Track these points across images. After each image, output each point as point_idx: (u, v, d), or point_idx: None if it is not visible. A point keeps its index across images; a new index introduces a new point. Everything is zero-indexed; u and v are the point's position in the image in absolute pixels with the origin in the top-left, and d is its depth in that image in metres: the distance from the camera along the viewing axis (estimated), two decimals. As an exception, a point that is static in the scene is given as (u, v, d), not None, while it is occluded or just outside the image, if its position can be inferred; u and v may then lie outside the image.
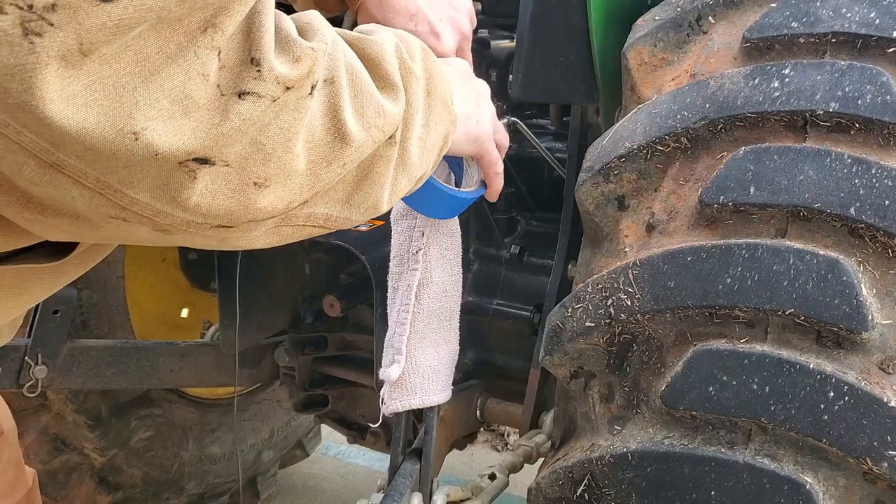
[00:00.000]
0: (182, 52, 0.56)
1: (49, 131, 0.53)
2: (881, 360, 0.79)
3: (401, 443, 1.21)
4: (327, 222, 0.78)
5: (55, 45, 0.50)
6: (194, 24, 0.57)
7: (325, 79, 0.70)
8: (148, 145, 0.56)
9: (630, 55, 1.08)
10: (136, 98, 0.55)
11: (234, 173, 0.63)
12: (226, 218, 0.65)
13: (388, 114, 0.78)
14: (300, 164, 0.68)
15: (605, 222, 1.00)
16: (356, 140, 0.73)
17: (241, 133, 0.62)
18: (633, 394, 0.90)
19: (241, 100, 0.61)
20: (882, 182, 0.81)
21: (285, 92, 0.64)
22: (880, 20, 0.89)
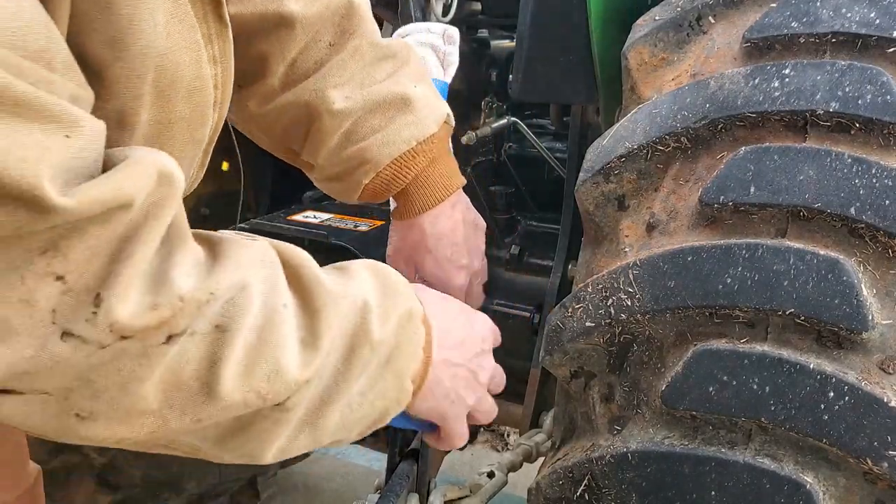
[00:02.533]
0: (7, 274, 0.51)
1: None
2: (881, 360, 0.78)
3: (398, 443, 1.21)
4: (194, 452, 0.69)
5: None
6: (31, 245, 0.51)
7: (216, 325, 0.62)
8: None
9: (630, 55, 1.08)
10: None
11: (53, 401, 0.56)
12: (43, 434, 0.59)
13: (283, 380, 0.67)
14: (150, 403, 0.60)
15: (605, 222, 1.00)
16: (225, 399, 0.64)
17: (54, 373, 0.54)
18: (633, 394, 0.90)
19: (62, 341, 0.54)
20: (882, 182, 0.81)
21: (119, 340, 0.56)
22: (880, 20, 0.88)
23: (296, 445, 0.74)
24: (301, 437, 0.73)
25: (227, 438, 0.69)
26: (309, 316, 0.70)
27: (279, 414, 0.70)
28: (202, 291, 0.61)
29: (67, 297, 0.53)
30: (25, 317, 0.52)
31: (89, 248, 0.53)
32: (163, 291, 0.58)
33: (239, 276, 0.64)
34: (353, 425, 0.79)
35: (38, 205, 0.49)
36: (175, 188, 0.59)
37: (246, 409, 0.66)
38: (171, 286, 0.58)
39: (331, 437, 0.76)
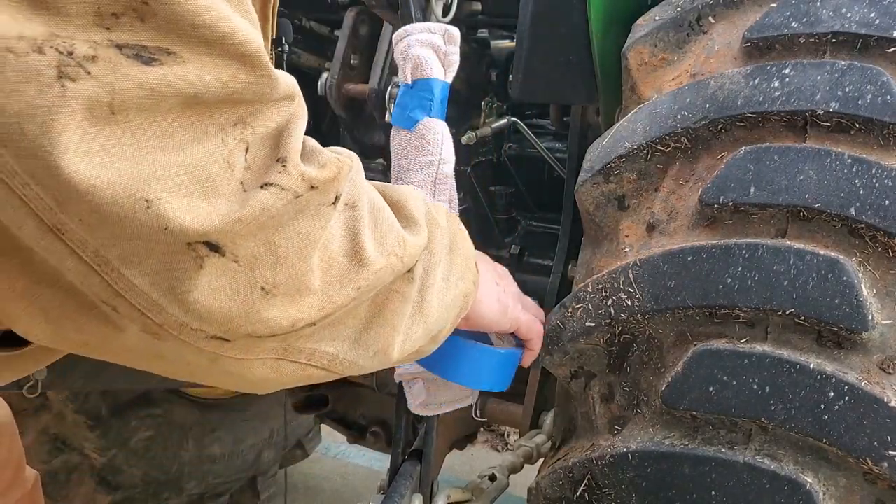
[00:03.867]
0: (209, 138, 0.55)
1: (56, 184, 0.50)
2: (881, 360, 0.79)
3: (401, 444, 1.21)
4: (331, 364, 0.73)
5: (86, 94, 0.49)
6: (225, 118, 0.56)
7: (346, 202, 0.69)
8: (159, 216, 0.53)
9: (630, 55, 1.08)
10: (154, 167, 0.52)
11: (242, 272, 0.59)
12: (224, 325, 0.60)
13: (409, 245, 0.76)
14: (314, 280, 0.65)
15: (605, 222, 1.00)
16: (374, 264, 0.70)
17: (257, 226, 0.59)
18: (633, 394, 0.90)
19: (263, 190, 0.58)
20: (882, 182, 0.81)
21: (309, 190, 0.62)
22: (880, 20, 0.88)
23: (412, 338, 0.80)
24: (415, 328, 0.80)
25: (364, 331, 0.74)
26: (393, 204, 0.79)
27: (407, 287, 0.77)
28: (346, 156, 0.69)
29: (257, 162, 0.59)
30: (227, 174, 0.56)
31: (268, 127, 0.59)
32: (322, 157, 0.65)
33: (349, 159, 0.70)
34: (448, 310, 0.85)
35: (259, 68, 0.56)
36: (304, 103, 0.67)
37: (391, 273, 0.73)
38: (324, 154, 0.66)
39: (435, 325, 0.83)
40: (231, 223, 0.56)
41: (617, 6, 1.26)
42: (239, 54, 0.54)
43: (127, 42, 0.50)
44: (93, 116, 0.49)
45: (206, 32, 0.52)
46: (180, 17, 0.51)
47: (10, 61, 0.46)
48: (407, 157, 1.13)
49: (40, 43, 0.47)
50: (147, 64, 0.50)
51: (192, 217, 0.54)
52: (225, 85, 0.54)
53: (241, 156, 0.57)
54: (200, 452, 2.26)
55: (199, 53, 0.52)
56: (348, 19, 1.50)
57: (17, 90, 0.47)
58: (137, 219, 0.52)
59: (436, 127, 1.11)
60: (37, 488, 1.15)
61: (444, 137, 1.12)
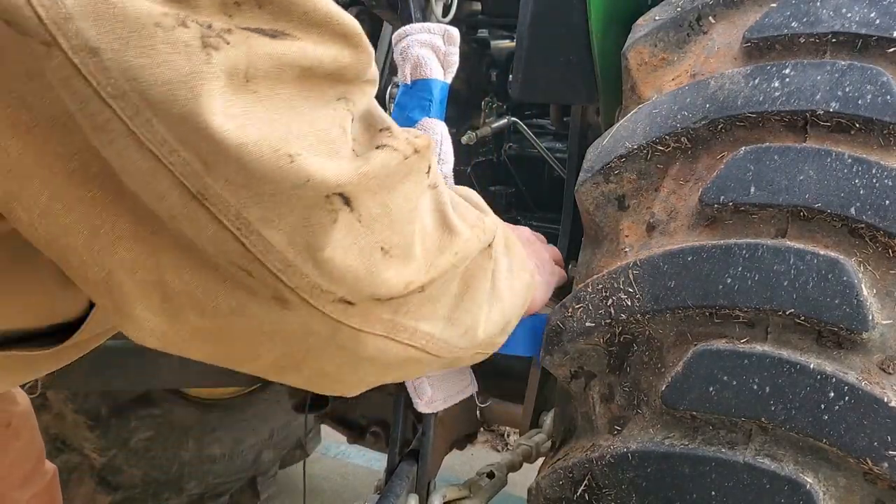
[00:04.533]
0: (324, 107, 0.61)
1: (207, 145, 0.54)
2: (881, 360, 0.78)
3: (398, 443, 1.21)
4: (428, 344, 0.79)
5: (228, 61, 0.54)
6: (332, 93, 0.62)
7: (429, 184, 0.75)
8: (301, 168, 0.57)
9: (630, 55, 1.08)
10: (289, 128, 0.58)
11: (364, 232, 0.65)
12: (352, 284, 0.65)
13: (487, 222, 0.85)
14: (416, 247, 0.71)
15: (605, 222, 1.00)
16: (463, 234, 0.78)
17: (378, 183, 0.64)
18: (633, 394, 0.90)
19: (378, 150, 0.65)
20: (882, 182, 0.81)
21: (414, 154, 0.68)
22: (880, 20, 0.88)
23: (492, 319, 0.88)
24: (493, 311, 0.88)
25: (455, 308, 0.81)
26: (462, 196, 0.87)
27: (488, 262, 0.85)
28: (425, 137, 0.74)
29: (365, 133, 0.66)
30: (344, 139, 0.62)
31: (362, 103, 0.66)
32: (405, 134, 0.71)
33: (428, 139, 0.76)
34: (516, 296, 0.94)
35: (360, 46, 0.63)
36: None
37: (478, 243, 0.82)
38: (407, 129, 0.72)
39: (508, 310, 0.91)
40: (360, 176, 0.62)
41: (617, 6, 1.26)
42: (344, 34, 0.61)
43: (248, 26, 0.55)
44: (231, 83, 0.54)
45: (315, 16, 0.59)
46: (294, 3, 0.57)
47: (160, 35, 0.51)
48: (406, 157, 1.12)
49: (183, 17, 0.52)
50: (273, 38, 0.56)
51: (328, 170, 0.60)
52: (334, 60, 0.61)
53: (349, 125, 0.64)
54: (200, 452, 2.26)
55: (310, 34, 0.59)
56: (348, 19, 1.50)
57: (168, 60, 0.51)
58: (282, 172, 0.57)
59: (435, 127, 1.11)
60: (55, 481, 1.16)
61: (443, 138, 1.12)
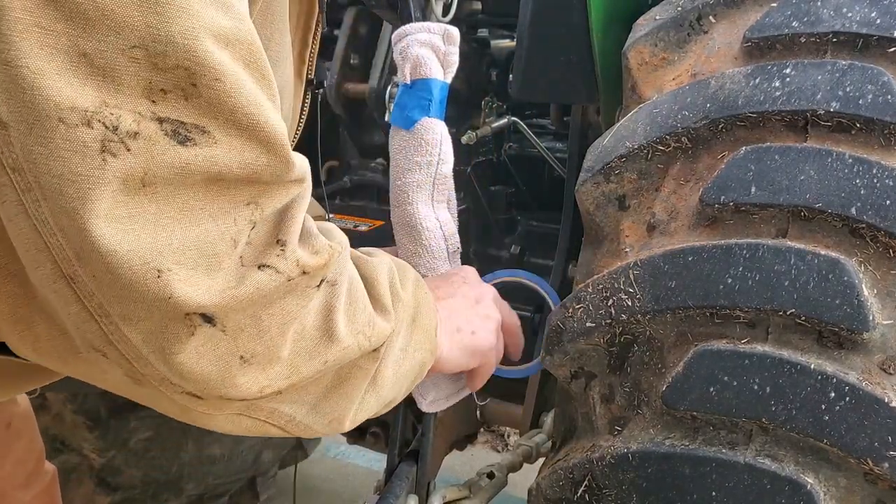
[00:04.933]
0: (223, 215, 0.60)
1: (81, 242, 0.54)
2: (882, 360, 0.78)
3: (398, 444, 1.21)
4: (288, 425, 0.77)
5: (124, 169, 0.54)
6: (241, 197, 0.61)
7: (327, 280, 0.73)
8: (166, 285, 0.57)
9: (631, 55, 1.08)
10: (171, 240, 0.57)
11: (226, 341, 0.64)
12: (201, 385, 0.65)
13: (378, 327, 0.80)
14: (284, 351, 0.69)
15: (605, 222, 1.00)
16: (343, 342, 0.75)
17: (249, 303, 0.63)
18: (633, 394, 0.90)
19: (260, 271, 0.64)
20: (883, 182, 0.81)
21: (301, 275, 0.67)
22: (881, 20, 0.88)
23: (365, 407, 0.84)
24: (368, 398, 0.83)
25: (323, 400, 0.78)
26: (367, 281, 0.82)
27: (370, 364, 0.81)
28: (338, 244, 0.74)
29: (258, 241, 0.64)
30: (230, 253, 0.61)
31: (276, 206, 0.64)
32: (315, 241, 0.70)
33: (339, 245, 0.75)
34: (402, 379, 0.89)
35: (280, 154, 0.61)
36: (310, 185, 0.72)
37: (357, 351, 0.77)
38: (319, 239, 0.71)
39: (388, 394, 0.87)
40: (228, 299, 0.61)
41: (617, 6, 1.26)
42: (265, 140, 0.60)
43: (168, 116, 0.55)
44: (125, 187, 0.54)
45: (241, 118, 0.58)
46: (223, 101, 0.56)
47: (61, 130, 0.52)
48: (405, 157, 1.12)
49: (89, 116, 0.52)
50: (182, 144, 0.56)
51: (194, 290, 0.59)
52: (247, 166, 0.59)
53: (246, 234, 0.62)
54: (200, 453, 2.26)
55: (230, 136, 0.58)
56: (348, 19, 1.50)
57: (63, 156, 0.52)
58: (146, 285, 0.57)
59: (434, 127, 1.11)
60: (54, 482, 1.16)
61: (443, 137, 1.12)
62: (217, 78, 0.55)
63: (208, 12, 0.55)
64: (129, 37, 0.52)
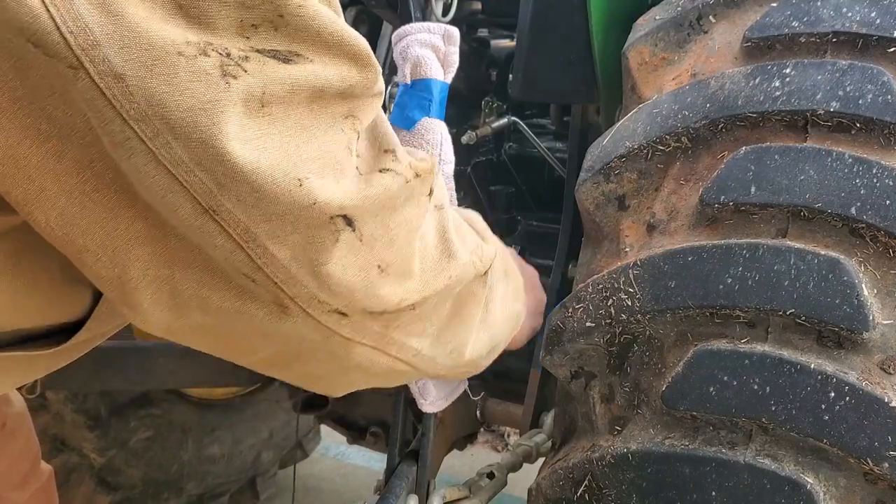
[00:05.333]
0: (331, 128, 0.64)
1: (222, 169, 0.57)
2: (882, 360, 0.78)
3: (398, 444, 1.21)
4: (415, 358, 0.83)
5: (245, 88, 0.57)
6: (339, 111, 0.65)
7: (435, 204, 0.78)
8: (309, 192, 0.61)
9: (630, 55, 1.08)
10: (300, 152, 0.61)
11: (364, 251, 0.68)
12: (347, 298, 0.69)
13: (485, 250, 0.87)
14: (415, 265, 0.75)
15: (605, 222, 1.00)
16: (461, 259, 0.81)
17: (379, 205, 0.68)
18: (633, 394, 0.90)
19: (381, 174, 0.69)
20: (883, 182, 0.81)
21: (415, 178, 0.72)
22: (881, 20, 0.88)
23: (479, 342, 0.91)
24: (482, 334, 0.90)
25: (445, 328, 0.84)
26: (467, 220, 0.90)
27: (481, 290, 0.87)
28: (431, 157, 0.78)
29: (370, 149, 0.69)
30: (350, 161, 0.66)
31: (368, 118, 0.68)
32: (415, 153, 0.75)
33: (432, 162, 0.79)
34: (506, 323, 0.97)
35: (368, 65, 0.65)
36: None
37: (472, 270, 0.84)
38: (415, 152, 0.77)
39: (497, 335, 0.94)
40: (363, 199, 0.66)
41: (617, 6, 1.26)
42: (353, 54, 0.64)
43: (264, 47, 0.58)
44: (248, 109, 0.57)
45: (327, 38, 0.61)
46: (308, 26, 0.60)
47: (182, 63, 0.54)
48: (406, 157, 1.13)
49: (203, 46, 0.55)
50: (286, 62, 0.59)
51: (333, 193, 0.63)
52: (344, 79, 0.63)
53: (355, 144, 0.66)
54: (200, 453, 2.26)
55: (321, 54, 0.62)
56: (348, 19, 1.50)
57: (189, 88, 0.54)
58: (291, 195, 0.60)
59: (434, 127, 1.11)
60: (51, 482, 1.16)
61: (444, 138, 1.12)
62: (300, 4, 0.59)
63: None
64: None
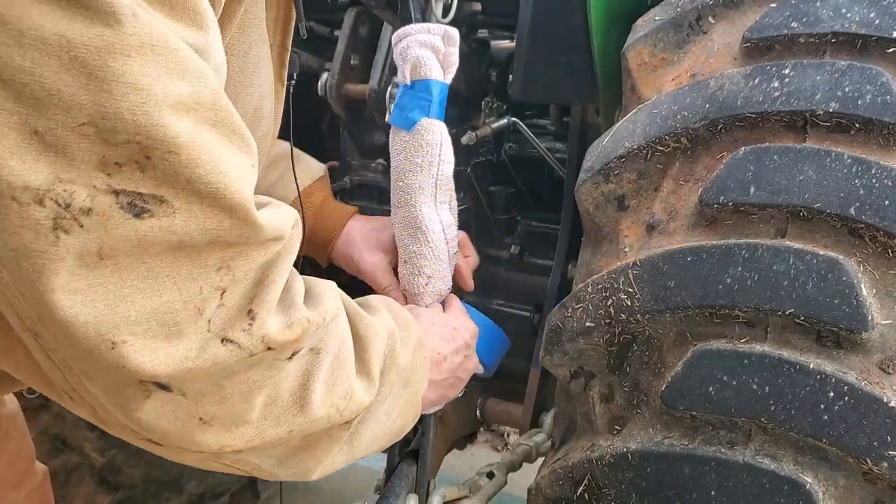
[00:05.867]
0: (190, 282, 0.60)
1: (40, 310, 0.56)
2: (881, 360, 0.79)
3: (398, 443, 1.21)
4: (254, 471, 0.77)
5: (77, 244, 0.54)
6: (210, 261, 0.60)
7: (311, 347, 0.72)
8: (120, 357, 0.58)
9: (630, 55, 1.08)
10: (129, 311, 0.58)
11: (186, 404, 0.64)
12: (160, 437, 0.66)
13: (355, 399, 0.78)
14: (252, 414, 0.69)
15: (605, 222, 1.00)
16: (314, 413, 0.73)
17: (208, 374, 0.63)
18: (632, 394, 0.90)
19: (222, 345, 0.63)
20: (882, 182, 0.81)
21: (265, 351, 0.66)
22: (880, 20, 0.89)
23: (335, 463, 0.82)
24: (339, 455, 0.82)
25: (290, 457, 0.77)
26: (358, 344, 0.80)
27: (342, 433, 0.79)
28: (318, 316, 0.71)
29: (227, 309, 0.62)
30: (195, 322, 0.61)
31: (249, 269, 0.63)
32: (293, 313, 0.68)
33: (335, 305, 0.75)
34: (379, 440, 0.88)
35: (244, 217, 0.60)
36: (299, 233, 0.70)
37: (327, 423, 0.75)
38: (299, 309, 0.69)
39: (361, 453, 0.85)
40: (183, 370, 0.61)
41: (617, 6, 1.26)
42: (227, 206, 0.59)
43: (124, 188, 0.55)
44: (82, 262, 0.55)
45: (199, 187, 0.57)
46: (178, 172, 0.56)
47: (14, 208, 0.52)
48: (406, 158, 1.13)
49: (42, 194, 0.52)
50: (138, 216, 0.56)
51: (149, 360, 0.59)
52: (209, 232, 0.59)
53: (215, 300, 0.61)
54: (200, 452, 2.26)
55: (190, 203, 0.57)
56: (348, 20, 1.50)
57: (17, 232, 0.53)
58: (101, 355, 0.58)
59: (434, 128, 1.11)
60: (46, 482, 1.16)
61: (444, 138, 1.12)
62: (170, 150, 0.55)
63: (161, 84, 0.54)
64: (78, 115, 0.52)
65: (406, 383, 0.88)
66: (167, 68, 0.54)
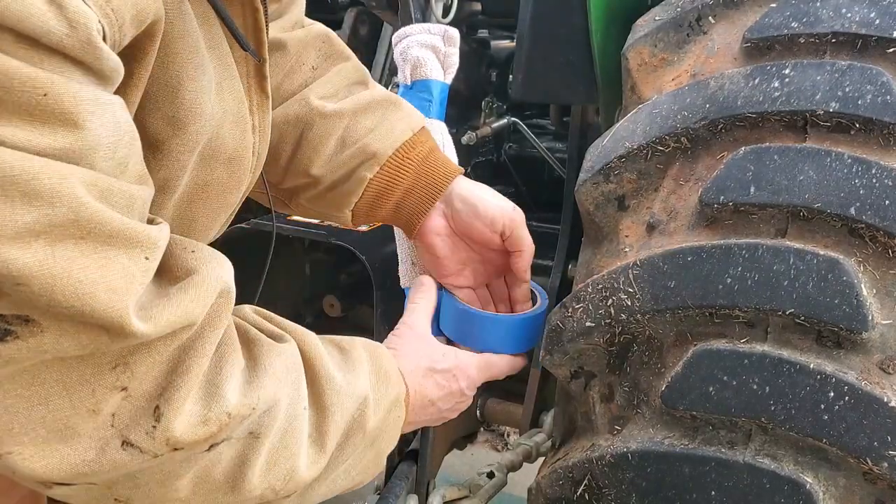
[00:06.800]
0: (80, 386, 0.57)
1: None
2: (881, 360, 0.79)
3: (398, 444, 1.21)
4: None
5: None
6: (104, 360, 0.57)
7: (251, 431, 0.69)
8: (12, 465, 0.57)
9: (630, 55, 1.08)
10: (12, 424, 0.55)
11: (98, 489, 0.62)
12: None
13: (295, 479, 0.74)
14: (180, 493, 0.66)
15: (605, 222, 1.00)
16: (245, 495, 0.70)
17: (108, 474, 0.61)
18: (633, 394, 0.90)
19: (122, 448, 0.60)
20: (882, 182, 0.81)
21: (171, 452, 0.62)
22: (880, 20, 0.89)
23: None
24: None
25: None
26: (319, 414, 0.76)
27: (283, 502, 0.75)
28: (246, 406, 0.66)
29: (130, 407, 0.59)
30: (90, 423, 0.58)
31: (154, 362, 0.59)
32: (214, 406, 0.64)
33: (274, 389, 0.70)
34: (330, 493, 0.84)
35: (120, 332, 0.55)
36: (231, 300, 0.65)
37: (260, 502, 0.72)
38: (221, 400, 0.64)
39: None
40: (80, 475, 0.59)
41: (617, 6, 1.26)
42: (98, 325, 0.55)
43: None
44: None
45: (61, 311, 0.53)
46: (33, 300, 0.52)
47: None
48: (407, 157, 1.13)
49: None
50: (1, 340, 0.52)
51: (40, 465, 0.57)
52: (86, 347, 0.55)
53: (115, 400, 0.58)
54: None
55: (59, 321, 0.53)
56: (348, 19, 1.51)
57: None
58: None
59: (435, 128, 1.12)
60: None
61: (444, 139, 1.13)
62: (18, 283, 0.51)
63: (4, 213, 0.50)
64: None
65: (373, 443, 0.84)
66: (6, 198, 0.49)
